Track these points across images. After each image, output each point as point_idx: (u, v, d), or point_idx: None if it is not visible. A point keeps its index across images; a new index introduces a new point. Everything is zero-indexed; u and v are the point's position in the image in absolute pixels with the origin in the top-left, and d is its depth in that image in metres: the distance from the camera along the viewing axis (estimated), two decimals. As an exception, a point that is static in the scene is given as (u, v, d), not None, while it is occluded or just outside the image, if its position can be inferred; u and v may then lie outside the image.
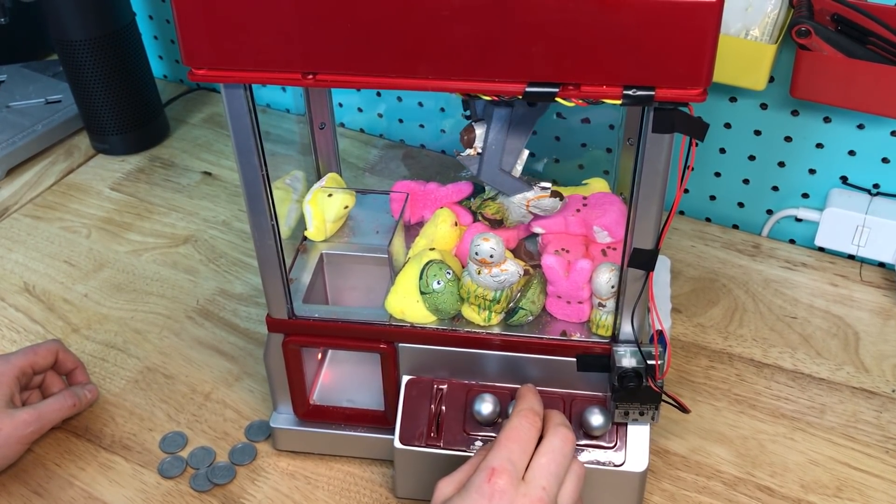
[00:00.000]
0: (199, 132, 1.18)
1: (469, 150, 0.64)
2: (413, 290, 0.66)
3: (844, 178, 0.91)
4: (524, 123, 0.64)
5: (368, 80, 0.52)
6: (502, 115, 0.63)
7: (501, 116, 0.63)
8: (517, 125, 0.64)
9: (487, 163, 0.65)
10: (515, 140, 0.64)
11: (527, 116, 0.64)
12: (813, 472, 0.73)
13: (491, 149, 0.64)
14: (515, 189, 0.66)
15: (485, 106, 0.64)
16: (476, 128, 0.64)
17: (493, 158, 0.64)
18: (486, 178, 0.66)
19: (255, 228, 0.63)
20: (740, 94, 0.90)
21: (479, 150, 0.64)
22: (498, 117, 0.63)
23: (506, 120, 0.63)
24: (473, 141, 0.64)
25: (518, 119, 0.64)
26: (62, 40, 1.04)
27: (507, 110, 0.63)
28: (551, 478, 0.56)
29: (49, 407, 0.74)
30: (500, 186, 0.67)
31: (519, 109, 0.63)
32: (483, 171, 0.65)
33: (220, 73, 0.54)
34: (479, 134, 0.64)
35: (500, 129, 0.63)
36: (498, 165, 0.65)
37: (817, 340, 0.84)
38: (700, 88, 0.50)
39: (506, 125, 0.64)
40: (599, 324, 0.65)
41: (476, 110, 0.65)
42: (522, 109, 0.63)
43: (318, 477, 0.74)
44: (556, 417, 0.60)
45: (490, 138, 0.64)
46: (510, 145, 0.64)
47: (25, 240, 1.01)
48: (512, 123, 0.64)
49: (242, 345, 0.86)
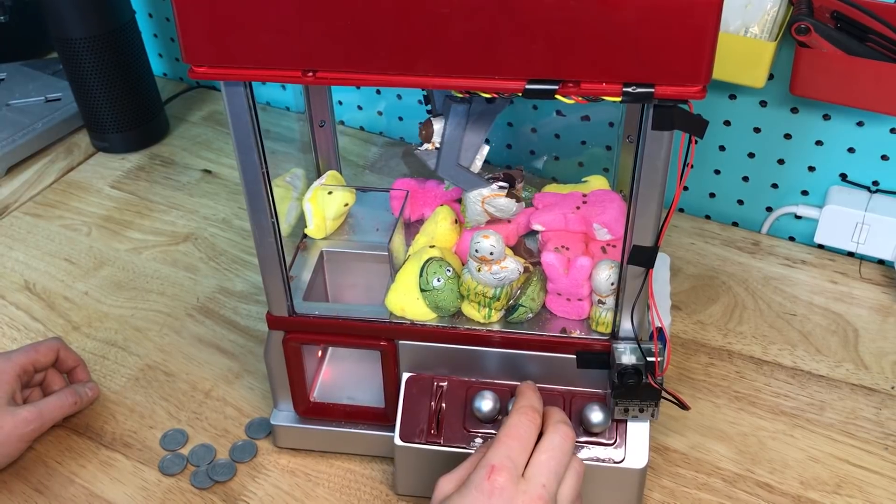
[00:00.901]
0: (198, 130, 1.18)
1: (427, 145, 0.65)
2: (413, 287, 0.66)
3: (844, 175, 0.91)
4: (483, 120, 0.64)
5: (368, 77, 0.52)
6: (460, 110, 0.63)
7: (459, 112, 0.63)
8: (476, 121, 0.64)
9: (445, 158, 0.65)
10: (474, 136, 0.64)
11: (486, 113, 0.64)
12: (812, 468, 0.73)
13: (449, 144, 0.64)
14: (472, 184, 0.66)
15: (444, 101, 0.64)
16: (434, 122, 0.64)
17: (450, 154, 0.64)
18: (443, 172, 0.66)
19: (255, 226, 0.63)
20: (740, 91, 0.90)
21: (438, 144, 0.65)
22: (456, 113, 0.63)
23: (464, 116, 0.63)
24: (432, 136, 0.64)
25: (477, 115, 0.64)
26: (62, 38, 1.04)
27: (465, 106, 0.63)
28: (551, 475, 0.56)
29: (50, 405, 0.75)
30: (457, 182, 0.67)
31: (477, 106, 0.63)
32: (440, 166, 0.65)
33: (221, 71, 0.54)
34: (438, 129, 0.64)
35: (457, 124, 0.63)
36: (455, 161, 0.65)
37: (817, 337, 0.84)
38: (700, 86, 0.50)
39: (464, 121, 0.64)
40: (599, 321, 0.65)
41: (436, 105, 0.65)
42: (481, 106, 0.64)
43: (319, 474, 0.74)
44: (556, 415, 0.60)
45: (448, 133, 0.64)
46: (468, 141, 0.64)
47: (26, 238, 1.01)
48: (470, 119, 0.64)
49: (243, 342, 0.86)
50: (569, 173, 0.99)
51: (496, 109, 0.64)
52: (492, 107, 0.64)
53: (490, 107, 0.64)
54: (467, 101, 0.63)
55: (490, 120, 0.64)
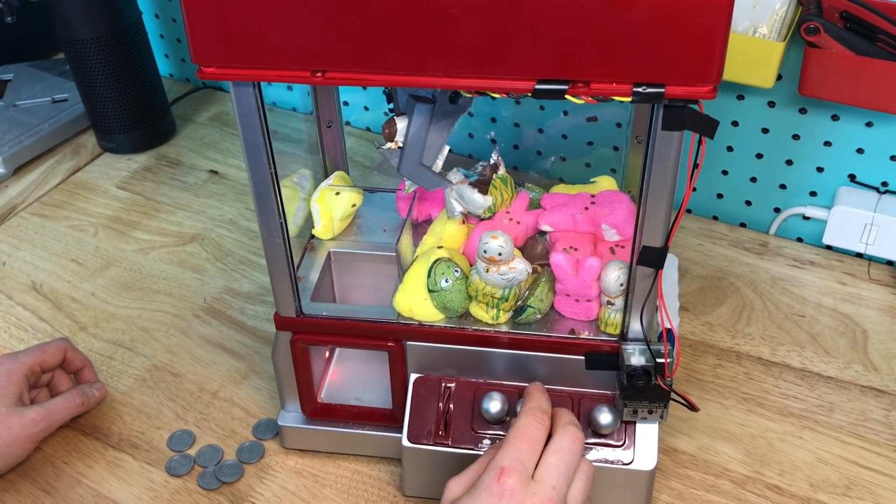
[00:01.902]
0: (205, 131, 1.18)
1: (390, 144, 0.65)
2: (421, 288, 0.66)
3: (852, 175, 0.91)
4: (446, 120, 0.64)
5: (377, 77, 0.52)
6: (424, 110, 0.63)
7: (423, 112, 0.63)
8: (439, 122, 0.64)
9: (408, 157, 0.65)
10: (437, 136, 0.64)
11: (449, 114, 0.64)
12: (822, 470, 0.72)
13: (412, 143, 0.64)
14: (434, 184, 0.66)
15: (407, 100, 0.64)
16: (398, 121, 0.64)
17: (413, 153, 0.64)
18: (405, 172, 0.66)
19: (263, 227, 0.63)
20: (748, 91, 0.90)
21: (400, 143, 0.65)
22: (420, 112, 0.63)
23: (428, 116, 0.63)
24: (395, 135, 0.64)
25: (440, 116, 0.64)
26: (69, 39, 1.04)
27: (429, 106, 0.63)
28: (561, 477, 0.56)
29: (57, 405, 0.75)
30: (419, 181, 0.66)
31: (441, 106, 0.63)
32: (403, 166, 0.65)
33: (229, 71, 0.54)
34: (401, 128, 0.64)
35: (421, 124, 0.63)
36: (418, 160, 0.65)
37: (825, 339, 0.84)
38: (710, 85, 0.49)
39: (427, 121, 0.64)
40: (608, 322, 0.65)
41: (399, 104, 0.65)
42: (445, 107, 0.64)
43: (326, 475, 0.74)
44: (565, 416, 0.60)
45: (411, 133, 0.64)
46: (431, 141, 0.64)
47: (33, 238, 1.01)
48: (434, 120, 0.64)
49: (250, 343, 0.86)
50: (576, 174, 0.99)
51: (459, 110, 0.64)
52: (455, 107, 0.64)
53: (453, 107, 0.64)
54: (431, 101, 0.63)
55: (453, 121, 0.64)
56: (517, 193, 0.72)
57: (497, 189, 0.69)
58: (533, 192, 0.73)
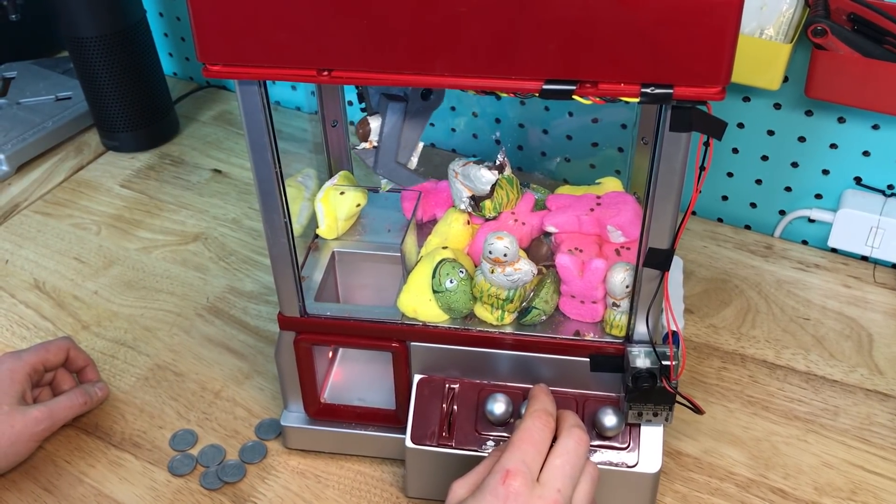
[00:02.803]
0: (208, 130, 1.18)
1: (364, 144, 0.64)
2: (426, 288, 0.66)
3: (858, 178, 0.90)
4: (419, 117, 0.64)
5: (384, 77, 0.52)
6: (397, 108, 0.63)
7: (397, 110, 0.63)
8: (412, 119, 0.64)
9: (383, 156, 0.65)
10: (410, 133, 0.64)
11: (421, 110, 0.64)
12: (827, 474, 0.72)
13: (386, 142, 0.64)
14: (410, 181, 0.66)
15: (380, 99, 0.64)
16: (371, 121, 0.64)
17: (388, 152, 0.64)
18: (381, 171, 0.66)
19: (267, 226, 0.63)
20: (754, 93, 0.90)
21: (375, 143, 0.64)
22: (393, 111, 0.63)
23: (401, 114, 0.63)
24: (368, 134, 0.64)
25: (412, 113, 0.64)
26: (73, 37, 1.04)
27: (402, 104, 0.63)
28: (566, 479, 0.55)
29: (60, 405, 0.74)
30: (395, 179, 0.66)
31: (414, 104, 0.63)
32: (379, 165, 0.65)
33: (235, 70, 0.53)
34: (375, 127, 0.64)
35: (395, 122, 0.63)
36: (394, 158, 0.65)
37: (830, 342, 0.84)
38: (719, 87, 0.49)
39: (401, 119, 0.64)
40: (613, 324, 0.64)
41: (371, 103, 0.65)
42: (417, 104, 0.63)
43: (329, 476, 0.73)
44: (570, 419, 0.60)
45: (385, 132, 0.64)
46: (406, 139, 0.64)
47: (35, 236, 1.01)
48: (406, 117, 0.64)
49: (252, 343, 0.86)
50: (581, 175, 0.99)
51: (431, 107, 0.64)
52: (427, 104, 0.64)
53: (425, 104, 0.64)
54: (404, 99, 0.63)
55: (426, 117, 0.64)
56: (522, 194, 0.71)
57: (503, 189, 0.69)
58: (538, 193, 0.73)
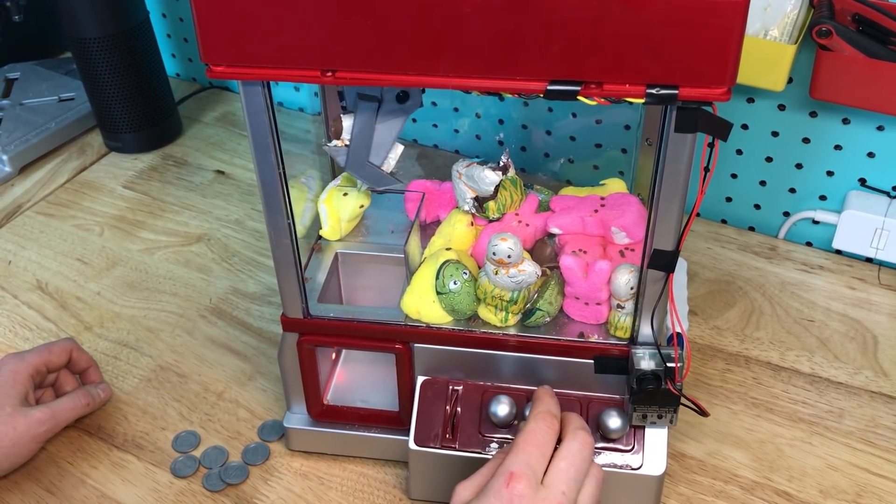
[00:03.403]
0: (211, 131, 1.18)
1: (336, 142, 0.64)
2: (429, 290, 0.66)
3: (863, 180, 0.90)
4: (394, 118, 0.64)
5: (388, 77, 0.52)
6: (368, 108, 0.63)
7: (367, 110, 0.63)
8: (386, 120, 0.64)
9: (353, 155, 0.64)
10: (385, 134, 0.64)
11: (396, 112, 0.64)
12: (832, 477, 0.72)
13: (357, 141, 0.64)
14: (382, 182, 0.66)
15: (354, 98, 0.64)
16: (344, 119, 0.64)
17: (359, 151, 0.64)
18: (350, 169, 0.66)
19: (271, 227, 0.63)
20: (758, 94, 0.90)
21: (347, 141, 0.64)
22: (363, 110, 0.63)
23: (372, 114, 0.63)
24: (341, 132, 0.64)
25: (387, 113, 0.63)
26: (76, 38, 1.04)
27: (373, 105, 0.63)
28: (570, 482, 0.55)
29: (63, 406, 0.74)
30: (365, 179, 0.66)
31: (388, 105, 0.63)
32: (349, 163, 0.65)
33: (239, 70, 0.53)
34: (347, 125, 0.64)
35: (366, 122, 0.63)
36: (364, 157, 0.64)
37: (835, 344, 0.83)
38: (724, 87, 0.49)
39: (372, 119, 0.63)
40: (618, 325, 0.64)
41: (349, 102, 0.65)
42: (392, 105, 0.63)
43: (332, 478, 0.73)
44: (575, 421, 0.59)
45: (356, 131, 0.64)
46: (380, 139, 0.64)
47: (38, 237, 1.01)
48: (381, 118, 0.63)
49: (255, 344, 0.86)
50: (584, 176, 0.99)
51: (407, 110, 0.64)
52: (403, 106, 0.64)
53: (402, 106, 0.64)
54: (377, 99, 0.63)
55: (402, 119, 0.64)
56: (526, 196, 0.71)
57: (506, 190, 0.69)
58: (542, 194, 0.73)
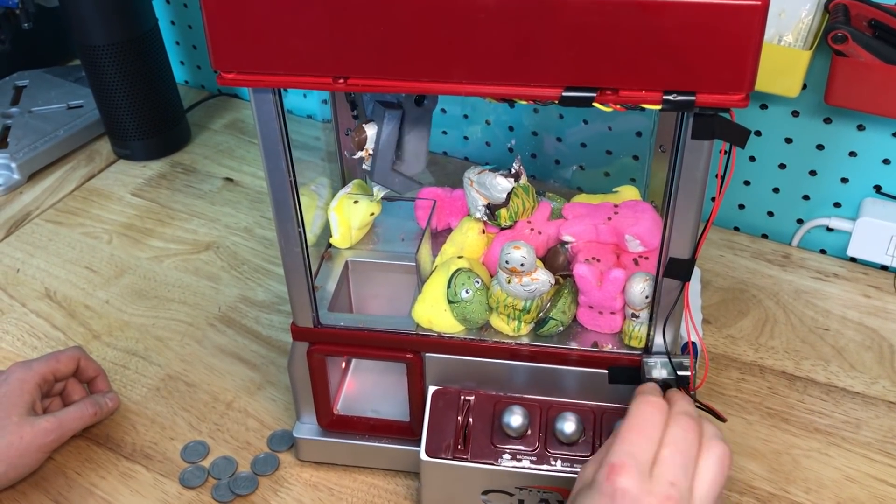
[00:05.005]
0: (220, 138, 1.18)
1: (361, 153, 0.63)
2: (441, 298, 0.65)
3: (878, 187, 0.89)
4: (419, 124, 0.63)
5: (401, 84, 0.51)
6: (394, 116, 0.62)
7: (393, 117, 0.62)
8: (413, 127, 0.63)
9: (380, 164, 0.63)
10: (417, 142, 0.63)
11: (418, 117, 0.63)
12: (850, 489, 0.71)
13: (383, 150, 0.63)
14: (407, 187, 0.65)
15: (374, 107, 0.63)
16: (367, 129, 0.63)
17: (385, 159, 0.63)
18: (378, 179, 0.64)
19: (281, 235, 0.62)
20: (771, 101, 0.89)
21: (371, 151, 0.63)
22: (390, 118, 0.62)
23: (397, 120, 0.62)
24: (364, 143, 0.63)
25: (411, 120, 0.63)
26: (85, 45, 1.04)
27: (398, 111, 0.62)
28: (678, 470, 0.51)
29: (70, 415, 0.74)
30: (392, 186, 0.65)
31: (411, 111, 0.62)
32: (376, 173, 0.64)
33: (250, 77, 0.53)
34: (371, 135, 0.63)
35: (392, 129, 0.62)
36: (390, 166, 0.63)
37: (851, 353, 0.82)
38: (743, 94, 0.48)
39: (398, 126, 0.62)
40: (632, 335, 0.63)
41: (365, 111, 0.64)
42: (413, 111, 0.62)
43: (342, 489, 0.72)
44: (678, 404, 0.55)
45: (383, 139, 0.62)
46: (412, 147, 0.63)
47: (47, 245, 1.00)
48: (407, 125, 0.62)
49: (265, 353, 0.85)
50: (596, 183, 0.98)
51: (428, 111, 0.63)
52: (422, 110, 0.63)
53: (421, 110, 0.63)
54: (400, 106, 0.62)
55: (426, 123, 0.63)
56: (538, 203, 0.70)
57: (518, 198, 0.68)
58: (554, 201, 0.72)
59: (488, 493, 0.66)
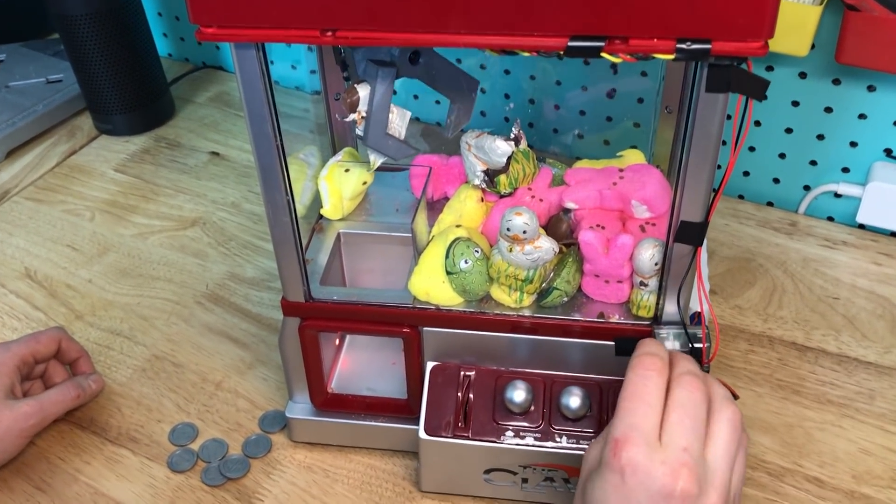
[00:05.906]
0: (205, 111, 1.14)
1: (353, 115, 0.59)
2: (438, 270, 0.62)
3: (889, 150, 0.86)
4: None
5: (394, 36, 0.48)
6: (388, 74, 0.58)
7: (387, 76, 0.58)
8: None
9: (374, 127, 0.59)
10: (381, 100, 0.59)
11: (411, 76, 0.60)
12: (865, 461, 0.68)
13: (377, 111, 0.59)
14: (402, 152, 0.61)
15: (366, 66, 0.59)
16: (359, 89, 0.59)
17: (379, 122, 0.59)
18: (372, 143, 0.60)
19: (269, 205, 0.59)
20: (777, 62, 0.86)
21: (364, 113, 0.59)
22: (384, 77, 0.58)
23: (391, 80, 0.58)
24: (357, 104, 0.59)
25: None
26: (62, 15, 1.00)
27: (392, 70, 0.58)
28: (689, 434, 0.47)
29: (51, 398, 0.71)
30: (386, 151, 0.61)
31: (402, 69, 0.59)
32: (370, 137, 0.60)
33: (231, 32, 0.49)
34: (363, 96, 0.59)
35: (385, 90, 0.58)
36: (384, 129, 0.60)
37: (862, 322, 0.80)
38: (762, 41, 0.45)
39: (391, 86, 0.58)
40: (640, 304, 0.60)
41: (357, 71, 0.60)
42: (405, 69, 0.59)
43: (337, 470, 0.70)
44: (680, 365, 0.51)
45: (377, 100, 0.58)
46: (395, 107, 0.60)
47: (27, 224, 0.97)
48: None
49: (255, 331, 0.82)
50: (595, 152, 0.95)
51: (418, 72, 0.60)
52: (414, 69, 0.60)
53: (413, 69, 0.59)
54: (394, 64, 0.58)
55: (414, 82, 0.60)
56: (539, 169, 0.67)
57: (518, 163, 0.65)
58: (556, 167, 0.69)
59: (491, 472, 0.64)
